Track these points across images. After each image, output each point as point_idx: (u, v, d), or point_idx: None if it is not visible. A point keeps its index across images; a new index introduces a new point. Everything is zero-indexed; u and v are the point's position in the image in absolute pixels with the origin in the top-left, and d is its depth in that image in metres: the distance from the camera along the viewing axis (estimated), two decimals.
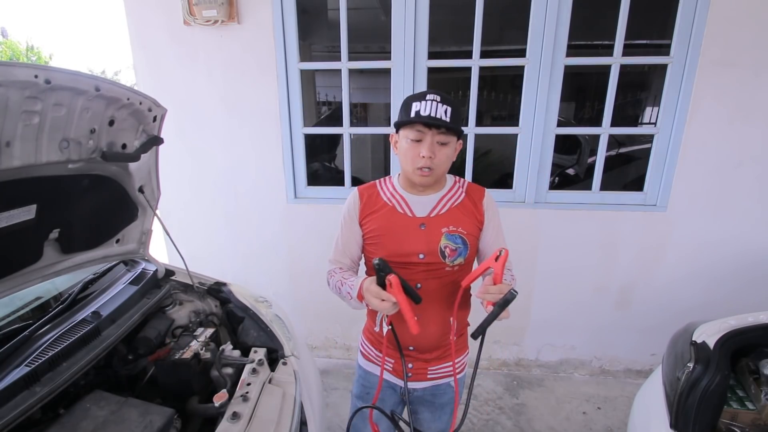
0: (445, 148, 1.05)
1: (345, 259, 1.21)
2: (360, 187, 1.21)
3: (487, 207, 1.16)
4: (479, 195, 1.17)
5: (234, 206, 2.44)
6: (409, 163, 1.06)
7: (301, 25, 2.13)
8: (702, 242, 2.19)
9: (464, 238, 1.10)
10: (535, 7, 1.95)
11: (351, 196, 1.20)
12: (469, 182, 1.21)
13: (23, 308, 1.39)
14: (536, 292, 2.39)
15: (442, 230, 1.09)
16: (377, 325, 1.22)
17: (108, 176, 1.25)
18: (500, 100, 6.64)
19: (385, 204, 1.14)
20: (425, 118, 1.00)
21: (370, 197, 1.17)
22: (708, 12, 1.85)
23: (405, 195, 1.14)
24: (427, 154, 1.02)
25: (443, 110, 1.01)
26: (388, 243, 1.11)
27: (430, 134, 1.02)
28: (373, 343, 1.26)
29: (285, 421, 1.09)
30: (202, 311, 1.59)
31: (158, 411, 1.04)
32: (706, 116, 1.98)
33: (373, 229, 1.14)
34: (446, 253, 1.09)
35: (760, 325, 1.38)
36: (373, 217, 1.14)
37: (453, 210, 1.12)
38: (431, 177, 1.06)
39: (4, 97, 0.83)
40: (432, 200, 1.13)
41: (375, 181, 1.22)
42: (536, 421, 2.16)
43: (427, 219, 1.11)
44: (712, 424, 1.21)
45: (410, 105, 1.03)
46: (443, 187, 1.16)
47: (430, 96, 1.02)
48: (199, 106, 2.27)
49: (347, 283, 1.10)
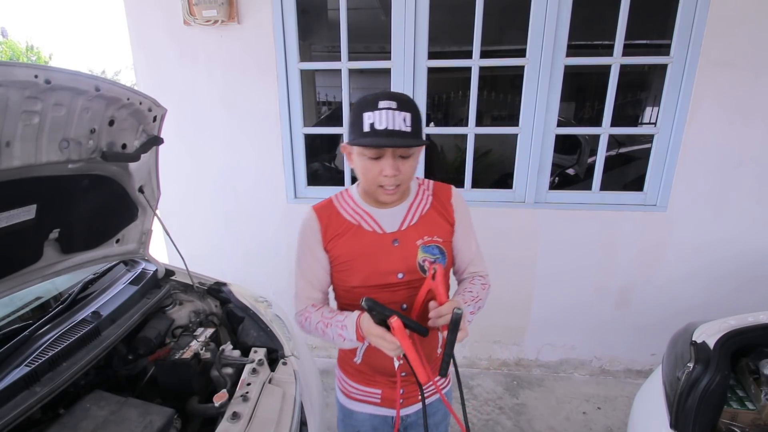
0: (409, 160, 0.91)
1: (315, 292, 1.05)
2: (315, 208, 1.04)
3: (456, 206, 1.05)
4: (446, 194, 1.06)
5: (234, 206, 2.44)
6: (370, 182, 0.92)
7: (301, 25, 2.13)
8: (702, 242, 2.19)
9: (441, 246, 1.00)
10: (535, 7, 1.95)
11: (307, 221, 1.03)
12: (433, 182, 1.09)
13: (23, 308, 1.40)
14: (536, 292, 2.39)
15: (417, 243, 0.98)
16: (358, 356, 1.08)
17: (108, 176, 1.25)
18: (500, 100, 6.64)
19: (349, 224, 1.00)
20: (383, 134, 0.83)
21: (330, 218, 1.01)
22: (708, 12, 1.85)
23: (369, 210, 1.00)
24: (390, 173, 0.88)
25: (402, 119, 0.84)
26: (360, 267, 0.98)
27: (390, 151, 0.87)
28: (354, 377, 1.13)
29: (285, 421, 1.09)
30: (202, 311, 1.59)
31: (158, 411, 1.04)
32: (706, 116, 1.98)
33: (341, 254, 1.00)
34: (425, 266, 0.98)
35: (760, 325, 1.38)
36: (339, 242, 0.99)
37: (424, 218, 1.01)
38: (398, 194, 0.94)
39: (4, 97, 0.83)
40: (400, 211, 1.01)
41: (330, 197, 1.06)
42: (536, 421, 2.16)
43: (399, 233, 0.99)
44: (712, 424, 1.21)
45: (361, 116, 0.86)
46: (409, 194, 1.04)
47: (384, 103, 0.84)
48: (199, 106, 2.27)
49: (334, 324, 0.95)
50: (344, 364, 1.15)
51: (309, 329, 1.03)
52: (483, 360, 2.58)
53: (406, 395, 1.10)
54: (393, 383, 1.06)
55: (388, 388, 1.09)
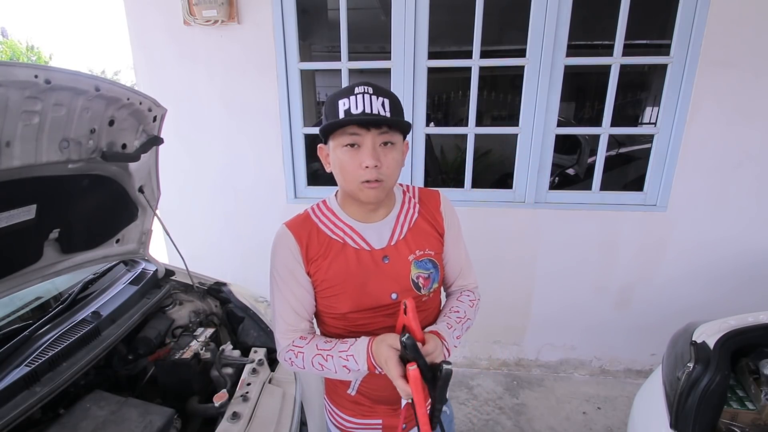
0: (392, 150, 0.81)
1: (303, 322, 0.92)
2: (290, 226, 0.90)
3: (445, 213, 0.96)
4: (435, 201, 0.97)
5: (234, 206, 2.44)
6: (350, 179, 0.81)
7: (301, 25, 2.13)
8: (702, 242, 2.19)
9: (433, 260, 0.91)
10: (535, 7, 1.95)
11: (282, 241, 0.90)
12: (419, 188, 0.99)
13: (23, 308, 1.40)
14: (536, 292, 2.39)
15: (410, 258, 0.89)
16: (352, 388, 0.96)
17: (108, 176, 1.25)
18: (500, 100, 6.64)
19: (332, 241, 0.88)
20: (359, 116, 0.77)
21: (311, 236, 0.88)
22: (708, 12, 1.84)
23: (354, 224, 0.89)
24: (371, 163, 0.78)
25: (380, 103, 0.78)
26: (350, 290, 0.86)
27: (370, 136, 0.78)
28: (350, 411, 1.00)
29: (285, 421, 1.09)
30: (202, 311, 1.59)
31: (158, 411, 1.04)
32: (706, 116, 1.98)
33: (327, 278, 0.87)
34: (420, 283, 0.89)
35: (760, 325, 1.38)
36: (323, 263, 0.87)
37: (413, 229, 0.91)
38: (381, 190, 0.82)
39: (4, 97, 0.83)
40: (388, 224, 0.90)
41: (305, 211, 0.94)
42: (536, 421, 2.16)
43: (389, 249, 0.88)
44: (712, 424, 1.21)
45: (336, 104, 0.79)
46: (395, 203, 0.93)
47: (360, 89, 0.78)
48: (199, 106, 2.27)
49: (337, 356, 0.83)
50: (335, 395, 1.02)
51: (301, 365, 0.88)
52: (483, 360, 2.58)
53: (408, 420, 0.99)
54: (394, 410, 0.99)
55: (389, 417, 0.99)
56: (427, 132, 2.19)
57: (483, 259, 2.38)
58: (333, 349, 0.85)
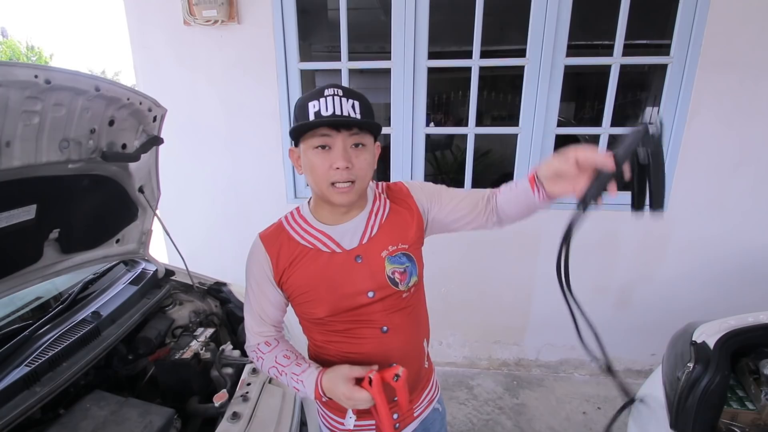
0: (363, 152, 0.82)
1: (266, 327, 0.95)
2: (263, 236, 0.92)
3: (415, 194, 0.95)
4: (403, 191, 0.95)
5: (234, 206, 2.44)
6: (321, 181, 0.81)
7: (301, 25, 2.13)
8: (702, 242, 2.19)
9: (408, 253, 0.90)
10: (535, 7, 1.95)
11: (254, 252, 0.92)
12: (384, 183, 0.99)
13: (23, 308, 1.40)
14: (536, 292, 2.39)
15: (383, 255, 0.88)
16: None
17: (108, 176, 1.25)
18: (500, 100, 6.63)
19: (304, 249, 0.88)
20: (329, 117, 0.78)
21: (281, 247, 0.89)
22: (708, 12, 1.84)
23: (325, 229, 0.89)
24: (342, 164, 0.78)
25: (350, 105, 0.79)
26: (324, 294, 0.87)
27: (341, 137, 0.79)
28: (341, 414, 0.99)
29: (285, 421, 1.09)
30: (202, 311, 1.59)
31: (158, 411, 1.04)
32: (706, 116, 1.98)
33: (299, 285, 0.88)
34: (396, 279, 0.88)
35: (760, 325, 1.38)
36: (295, 271, 0.88)
37: (385, 226, 0.91)
38: (353, 193, 0.82)
39: (4, 97, 0.83)
40: (359, 224, 0.90)
41: (279, 220, 0.96)
42: (536, 421, 2.16)
43: (361, 248, 0.88)
44: (712, 424, 1.21)
45: (306, 106, 0.80)
46: (366, 204, 0.92)
47: (330, 91, 0.79)
48: (199, 106, 2.26)
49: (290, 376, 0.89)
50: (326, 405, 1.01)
51: (261, 369, 0.95)
52: (483, 360, 2.58)
53: (401, 419, 1.00)
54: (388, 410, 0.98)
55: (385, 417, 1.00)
56: (427, 132, 2.19)
57: (483, 260, 2.38)
58: (287, 367, 0.89)
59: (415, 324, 0.97)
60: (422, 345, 1.00)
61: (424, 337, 1.01)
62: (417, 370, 0.99)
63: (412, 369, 0.93)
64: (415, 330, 0.97)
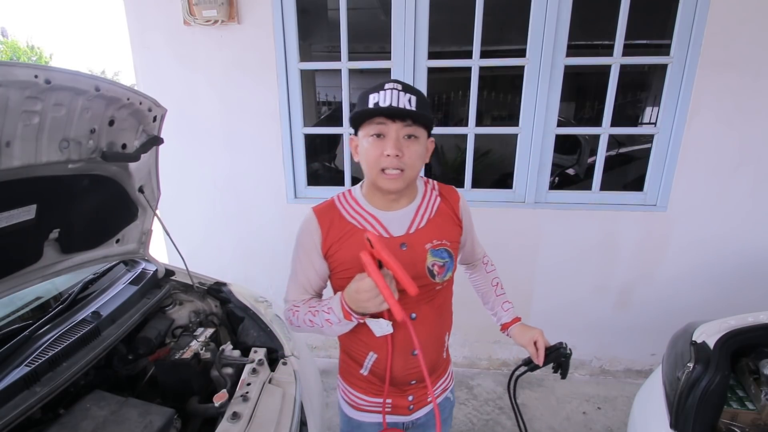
0: (414, 143, 0.87)
1: (306, 296, 1.03)
2: (316, 210, 0.98)
3: (463, 211, 1.03)
4: (455, 198, 1.03)
5: (234, 206, 2.44)
6: (372, 166, 0.88)
7: (301, 25, 2.13)
8: (702, 242, 2.19)
9: (449, 250, 0.97)
10: (535, 7, 1.95)
11: (306, 223, 0.98)
12: (438, 183, 1.06)
13: (23, 308, 1.40)
14: (536, 292, 2.39)
15: (427, 247, 0.94)
16: (365, 368, 1.03)
17: (108, 176, 1.25)
18: (500, 100, 6.63)
19: (352, 227, 0.94)
20: (386, 108, 0.83)
21: (333, 222, 0.95)
22: (708, 12, 1.85)
23: (375, 212, 0.95)
24: (392, 152, 0.84)
25: (407, 99, 0.84)
26: None
27: (395, 127, 0.85)
28: (361, 389, 1.07)
29: (285, 421, 1.09)
30: (202, 311, 1.59)
31: (158, 411, 1.04)
32: (706, 116, 1.98)
33: (344, 261, 0.94)
34: (435, 271, 0.95)
35: (760, 325, 1.38)
36: (342, 246, 0.94)
37: (433, 220, 0.97)
38: (401, 180, 0.88)
39: (4, 97, 0.83)
40: (408, 214, 0.96)
41: (332, 198, 1.01)
42: (536, 421, 2.16)
43: (407, 237, 0.94)
44: (712, 424, 1.21)
45: (367, 98, 0.87)
46: (417, 195, 0.99)
47: (390, 85, 0.86)
48: (199, 106, 2.27)
49: (321, 310, 0.92)
50: (348, 375, 1.09)
51: (297, 323, 0.99)
52: (483, 360, 2.58)
53: (415, 401, 1.06)
54: (403, 392, 1.05)
55: (398, 397, 1.05)
56: None
57: None
58: (319, 305, 0.94)
59: (441, 316, 1.04)
60: (443, 337, 1.08)
61: (446, 330, 1.09)
62: (436, 358, 1.06)
63: (431, 357, 1.03)
64: (440, 321, 1.04)
